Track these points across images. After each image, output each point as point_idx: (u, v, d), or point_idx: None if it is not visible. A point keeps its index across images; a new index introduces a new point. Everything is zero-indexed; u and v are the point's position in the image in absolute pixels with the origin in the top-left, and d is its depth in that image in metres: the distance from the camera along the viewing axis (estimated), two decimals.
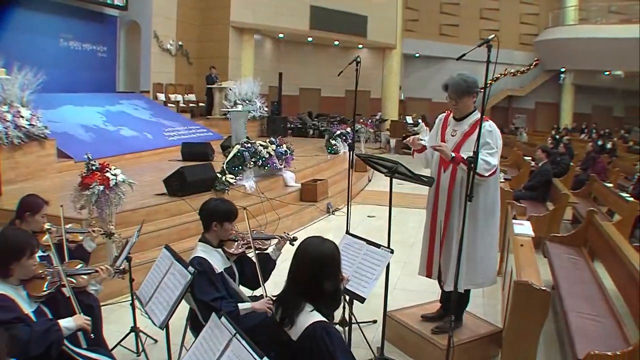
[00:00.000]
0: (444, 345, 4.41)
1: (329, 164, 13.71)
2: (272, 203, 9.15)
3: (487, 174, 4.27)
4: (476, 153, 3.86)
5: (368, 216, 10.54)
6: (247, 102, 16.85)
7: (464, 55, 4.14)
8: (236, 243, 4.19)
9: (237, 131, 12.26)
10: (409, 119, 23.35)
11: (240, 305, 3.85)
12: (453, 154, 4.31)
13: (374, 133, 22.42)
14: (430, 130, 17.46)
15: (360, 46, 26.63)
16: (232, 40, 20.32)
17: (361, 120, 19.82)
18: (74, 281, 3.49)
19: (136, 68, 17.36)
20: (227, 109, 15.26)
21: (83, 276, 3.57)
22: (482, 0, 30.49)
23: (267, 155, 9.62)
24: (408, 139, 4.91)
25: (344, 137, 15.59)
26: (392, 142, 22.63)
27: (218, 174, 8.51)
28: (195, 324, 3.97)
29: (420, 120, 22.64)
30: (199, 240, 4.13)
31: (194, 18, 20.02)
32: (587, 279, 5.71)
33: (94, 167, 5.86)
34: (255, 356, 2.29)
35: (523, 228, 6.02)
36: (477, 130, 4.26)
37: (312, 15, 22.36)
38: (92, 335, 3.35)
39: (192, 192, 7.89)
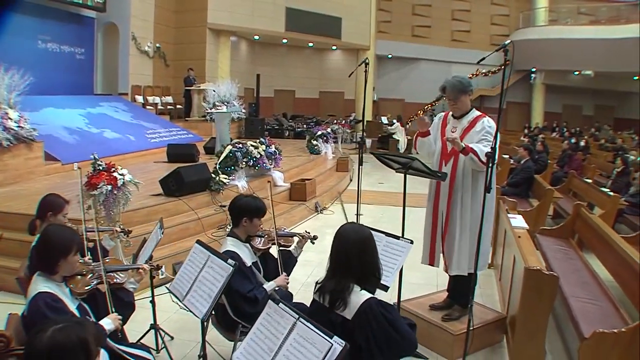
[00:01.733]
0: (456, 332, 4.71)
1: (312, 164, 13.86)
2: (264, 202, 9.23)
3: (490, 164, 4.47)
4: (494, 149, 4.08)
5: (355, 214, 10.67)
6: (225, 103, 16.87)
7: (483, 59, 4.38)
8: (262, 239, 4.32)
9: (221, 132, 12.34)
10: (384, 119, 23.57)
11: (266, 286, 4.11)
12: (464, 145, 4.52)
13: (350, 133, 22.64)
14: (405, 130, 17.68)
15: (334, 47, 26.87)
16: (209, 42, 20.38)
17: (336, 121, 20.05)
18: (115, 278, 3.56)
19: (114, 70, 17.26)
20: (210, 111, 15.28)
21: (121, 273, 3.64)
22: (453, 1, 30.84)
23: (258, 156, 9.72)
24: (418, 115, 5.14)
25: (325, 138, 15.77)
26: (368, 142, 22.82)
27: (212, 174, 8.60)
28: (221, 319, 4.09)
29: (395, 121, 22.87)
30: (228, 235, 4.23)
31: (171, 20, 20.02)
32: (579, 267, 6.04)
33: (100, 167, 5.90)
34: (325, 336, 2.41)
35: (517, 221, 6.25)
36: (474, 128, 4.66)
37: (287, 17, 22.49)
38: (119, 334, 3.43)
39: (189, 192, 7.97)
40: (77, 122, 12.34)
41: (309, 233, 4.63)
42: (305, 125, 22.29)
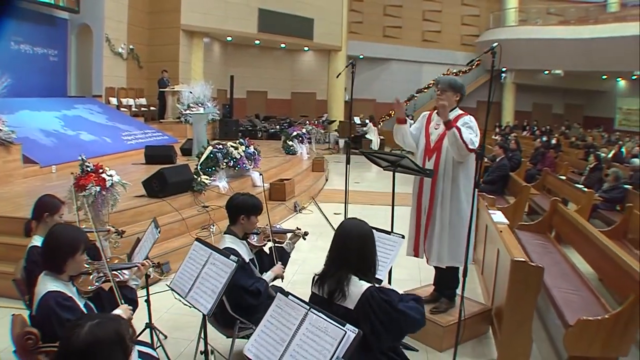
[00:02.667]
0: (444, 324, 4.90)
1: (289, 164, 13.96)
2: None
3: (470, 147, 4.72)
4: (482, 146, 4.25)
5: (334, 213, 10.80)
6: (199, 105, 16.86)
7: (472, 61, 4.52)
8: (257, 236, 4.42)
9: (198, 134, 12.37)
10: (357, 120, 23.70)
11: (265, 276, 4.28)
12: (450, 118, 4.78)
13: (323, 134, 22.81)
14: (378, 130, 17.85)
15: (306, 48, 26.95)
16: (182, 44, 20.33)
17: (308, 122, 20.17)
18: (119, 276, 3.63)
19: (87, 72, 17.09)
20: (188, 112, 15.27)
21: (125, 271, 3.70)
22: (424, 2, 31.15)
23: (238, 156, 9.79)
24: (396, 100, 5.33)
25: (301, 138, 15.88)
26: (341, 142, 22.96)
27: (194, 175, 8.65)
28: (219, 316, 4.18)
29: (368, 121, 23.03)
30: (225, 233, 4.33)
31: (144, 21, 19.90)
32: (559, 260, 6.27)
33: (88, 169, 5.93)
34: (337, 324, 2.52)
35: (498, 217, 6.42)
36: (457, 123, 4.83)
37: (260, 18, 22.52)
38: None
39: (172, 193, 8.02)
40: (53, 125, 12.27)
41: (300, 230, 4.74)
42: (278, 126, 22.37)
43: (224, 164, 9.45)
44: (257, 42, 24.83)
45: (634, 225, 7.46)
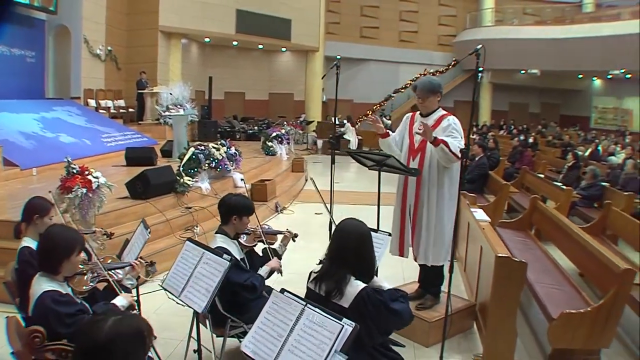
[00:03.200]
0: (430, 319, 5.02)
1: (269, 165, 14.03)
2: None
3: (460, 155, 4.79)
4: (467, 145, 4.35)
5: (315, 213, 10.89)
6: (178, 106, 16.79)
7: (457, 62, 4.61)
8: (248, 236, 4.48)
9: (178, 135, 12.39)
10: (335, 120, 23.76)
11: (261, 271, 4.35)
12: (434, 136, 4.81)
13: (302, 134, 22.87)
14: (356, 130, 18.04)
15: (283, 49, 27.00)
16: (160, 45, 20.29)
17: (286, 122, 20.20)
18: (114, 275, 3.66)
19: (66, 74, 16.94)
20: (168, 114, 15.21)
21: (118, 271, 3.74)
22: (401, 3, 31.32)
23: (220, 157, 9.82)
24: (370, 118, 5.44)
25: (280, 139, 15.94)
26: (319, 142, 23.05)
27: (177, 177, 8.67)
28: (210, 315, 4.22)
29: (346, 121, 23.14)
30: (217, 232, 4.39)
31: (122, 23, 19.83)
32: (540, 256, 6.44)
33: (74, 171, 5.95)
34: (334, 319, 2.60)
35: (480, 215, 6.56)
36: (440, 125, 4.98)
37: (238, 19, 22.56)
38: None
39: (155, 194, 8.04)
40: (32, 127, 12.19)
41: (290, 231, 4.80)
42: (256, 127, 22.38)
43: (206, 165, 9.47)
44: (235, 43, 24.86)
45: (612, 222, 7.66)
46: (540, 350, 5.06)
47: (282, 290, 2.90)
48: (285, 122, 20.18)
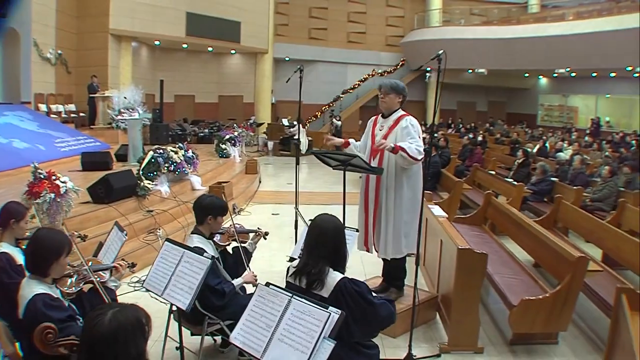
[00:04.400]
0: (397, 311, 5.17)
1: (224, 167, 14.13)
2: (188, 206, 9.44)
3: (419, 157, 5.10)
4: (431, 145, 4.63)
5: (272, 214, 11.07)
6: (131, 110, 16.68)
7: (421, 67, 4.86)
8: (222, 236, 4.65)
9: (133, 139, 12.35)
10: (286, 121, 23.94)
11: (234, 282, 4.47)
12: (393, 145, 5.07)
13: (253, 137, 22.99)
14: (306, 132, 18.23)
15: (233, 52, 27.02)
16: (111, 48, 20.09)
17: (235, 125, 20.28)
18: (99, 277, 3.76)
19: (15, 78, 16.59)
20: (120, 118, 15.12)
21: (103, 272, 3.85)
22: (349, 4, 31.59)
23: (178, 160, 9.90)
24: (326, 138, 5.71)
25: (233, 142, 16.03)
26: (270, 144, 23.18)
27: (138, 180, 8.73)
28: (188, 313, 4.34)
29: (296, 122, 23.32)
30: (192, 233, 4.53)
31: (72, 26, 19.56)
32: (496, 249, 6.78)
33: (41, 176, 5.99)
34: (320, 308, 2.80)
35: (437, 211, 6.87)
36: (399, 124, 5.28)
37: (188, 21, 22.50)
38: None
39: (117, 198, 8.08)
40: None
41: (260, 230, 4.99)
42: (207, 130, 22.37)
43: (165, 168, 9.53)
44: (184, 46, 24.79)
45: (563, 215, 8.08)
46: (501, 336, 5.39)
47: (268, 284, 3.09)
48: (235, 125, 20.26)
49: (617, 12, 23.53)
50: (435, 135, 17.57)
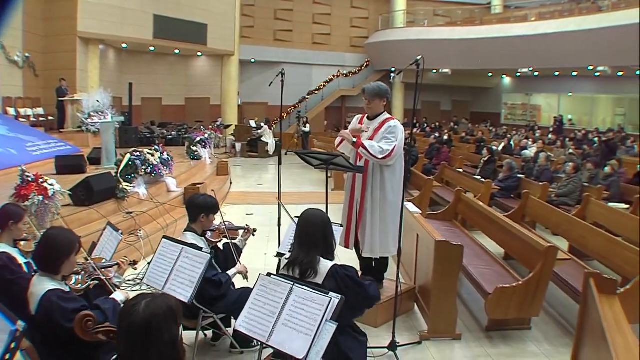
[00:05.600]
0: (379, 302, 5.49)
1: (196, 169, 14.27)
2: (165, 207, 9.61)
3: (380, 156, 5.34)
4: (409, 145, 4.90)
5: (246, 214, 11.26)
6: (100, 113, 16.66)
7: (401, 72, 5.12)
8: (213, 233, 4.87)
9: (106, 143, 12.39)
10: (253, 123, 24.07)
11: (229, 272, 4.71)
12: (354, 139, 5.39)
13: (221, 138, 23.11)
14: (273, 133, 18.47)
15: (199, 54, 27.06)
16: (79, 52, 19.99)
17: (205, 126, 20.38)
18: (107, 274, 3.95)
19: None
20: (90, 122, 15.15)
21: (108, 269, 4.03)
22: (314, 5, 31.80)
23: (155, 163, 10.05)
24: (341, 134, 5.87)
25: (204, 144, 16.16)
26: (238, 146, 23.32)
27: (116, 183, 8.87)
28: (183, 307, 4.54)
29: (263, 124, 23.53)
30: (185, 230, 4.74)
31: (39, 29, 19.38)
32: (468, 242, 7.10)
33: (29, 179, 6.11)
34: (320, 294, 3.06)
35: (411, 207, 7.18)
36: (383, 127, 5.52)
37: (155, 24, 22.47)
38: None
39: (98, 200, 8.22)
40: None
41: (249, 227, 5.23)
42: (174, 132, 22.39)
43: (143, 170, 9.67)
44: (151, 48, 24.72)
45: (530, 209, 8.50)
46: (477, 324, 5.75)
47: (269, 274, 3.34)
48: (203, 127, 20.33)
49: (578, 13, 24.22)
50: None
